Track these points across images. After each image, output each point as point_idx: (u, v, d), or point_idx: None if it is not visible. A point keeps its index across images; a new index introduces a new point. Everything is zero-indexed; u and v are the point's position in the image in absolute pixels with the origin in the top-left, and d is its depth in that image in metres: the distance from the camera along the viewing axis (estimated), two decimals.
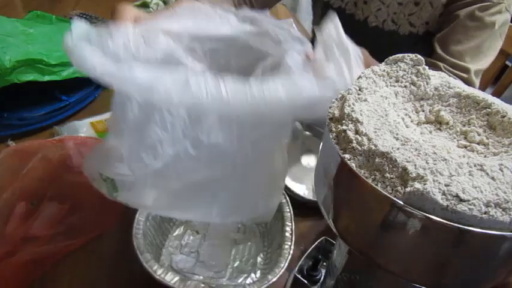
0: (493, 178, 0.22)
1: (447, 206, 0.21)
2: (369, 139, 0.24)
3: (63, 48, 0.36)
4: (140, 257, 0.43)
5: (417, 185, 0.21)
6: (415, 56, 0.30)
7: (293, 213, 0.53)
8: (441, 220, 0.21)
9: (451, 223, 0.21)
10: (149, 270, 0.42)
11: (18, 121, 0.68)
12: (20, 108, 0.69)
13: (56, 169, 0.58)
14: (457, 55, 0.75)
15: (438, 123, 0.28)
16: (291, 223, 0.50)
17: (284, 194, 0.54)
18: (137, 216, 0.48)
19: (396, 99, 0.29)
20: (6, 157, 0.60)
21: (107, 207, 0.56)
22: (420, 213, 0.21)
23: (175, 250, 0.52)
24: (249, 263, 0.53)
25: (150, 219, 0.50)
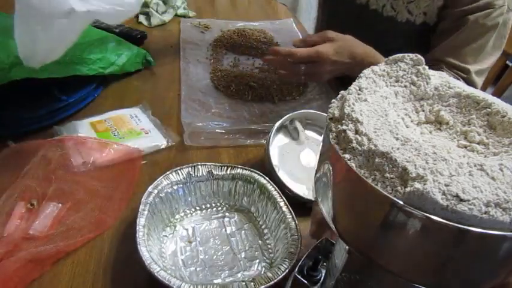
0: (493, 178, 0.22)
1: (447, 206, 0.21)
2: (369, 139, 0.24)
3: None
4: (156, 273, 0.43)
5: (417, 185, 0.21)
6: (415, 56, 0.30)
7: (293, 213, 0.53)
8: (441, 220, 0.21)
9: (451, 223, 0.21)
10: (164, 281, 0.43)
11: (18, 121, 0.68)
12: (20, 108, 0.69)
13: (56, 169, 0.58)
14: (458, 56, 0.76)
15: (438, 123, 0.28)
16: (282, 199, 0.54)
17: (269, 181, 0.57)
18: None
19: (396, 99, 0.29)
20: (6, 157, 0.60)
21: (107, 207, 0.56)
22: (420, 213, 0.21)
23: (178, 267, 0.51)
24: (254, 248, 0.54)
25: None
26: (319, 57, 0.67)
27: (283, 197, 0.55)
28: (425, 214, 0.21)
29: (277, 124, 0.65)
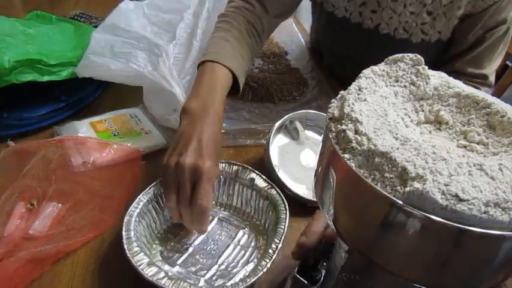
0: (493, 178, 0.22)
1: (446, 206, 0.21)
2: (369, 139, 0.24)
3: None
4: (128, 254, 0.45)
5: (417, 185, 0.21)
6: (415, 56, 0.30)
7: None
8: (441, 220, 0.21)
9: (451, 223, 0.21)
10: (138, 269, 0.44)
11: (18, 121, 0.68)
12: (20, 108, 0.69)
13: (56, 169, 0.58)
14: (477, 65, 0.78)
15: (438, 123, 0.28)
16: (284, 224, 0.50)
17: (279, 192, 0.55)
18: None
19: (396, 99, 0.29)
20: (6, 157, 0.60)
21: (107, 207, 0.56)
22: (420, 213, 0.21)
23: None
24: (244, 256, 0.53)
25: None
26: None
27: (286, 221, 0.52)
28: (424, 214, 0.21)
29: (277, 124, 0.65)
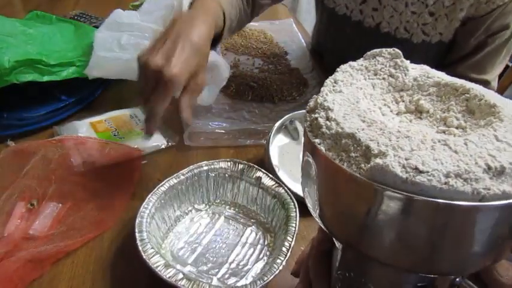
0: (456, 151, 0.22)
1: (406, 178, 0.21)
2: (337, 123, 0.25)
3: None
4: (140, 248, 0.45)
5: (378, 160, 0.22)
6: (393, 50, 0.31)
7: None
8: (400, 193, 0.21)
9: (407, 194, 0.21)
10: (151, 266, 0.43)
11: (17, 121, 0.68)
12: (20, 108, 0.69)
13: (56, 169, 0.58)
14: (479, 70, 0.77)
15: (419, 112, 0.28)
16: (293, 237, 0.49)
17: (287, 191, 0.54)
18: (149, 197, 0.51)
19: (374, 90, 0.29)
20: (6, 157, 0.60)
21: (107, 207, 0.56)
22: (381, 187, 0.21)
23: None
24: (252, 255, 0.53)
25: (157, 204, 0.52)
26: None
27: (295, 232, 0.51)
28: (382, 186, 0.21)
29: (277, 124, 0.65)
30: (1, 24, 0.74)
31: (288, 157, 0.66)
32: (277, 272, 0.44)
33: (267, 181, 0.56)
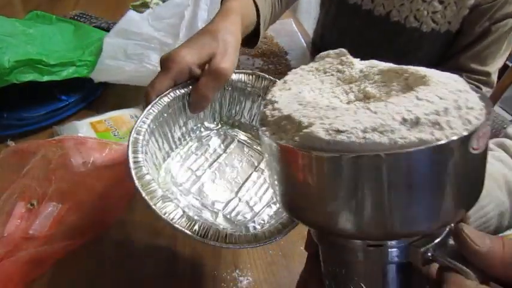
0: (376, 112, 0.23)
1: (329, 140, 0.22)
2: (279, 110, 0.28)
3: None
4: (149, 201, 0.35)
5: (305, 130, 0.24)
6: (339, 50, 0.33)
7: None
8: (326, 153, 0.22)
9: (330, 154, 0.22)
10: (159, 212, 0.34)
11: (17, 121, 0.68)
12: (20, 108, 0.69)
13: (56, 169, 0.58)
14: (480, 61, 0.79)
15: (367, 98, 0.30)
16: None
17: None
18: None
19: (323, 85, 0.31)
20: (6, 157, 0.60)
21: (107, 207, 0.56)
22: (308, 151, 0.23)
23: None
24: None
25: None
26: None
27: None
28: (309, 151, 0.23)
29: None
30: (1, 24, 0.74)
31: None
32: (295, 224, 0.37)
33: None
